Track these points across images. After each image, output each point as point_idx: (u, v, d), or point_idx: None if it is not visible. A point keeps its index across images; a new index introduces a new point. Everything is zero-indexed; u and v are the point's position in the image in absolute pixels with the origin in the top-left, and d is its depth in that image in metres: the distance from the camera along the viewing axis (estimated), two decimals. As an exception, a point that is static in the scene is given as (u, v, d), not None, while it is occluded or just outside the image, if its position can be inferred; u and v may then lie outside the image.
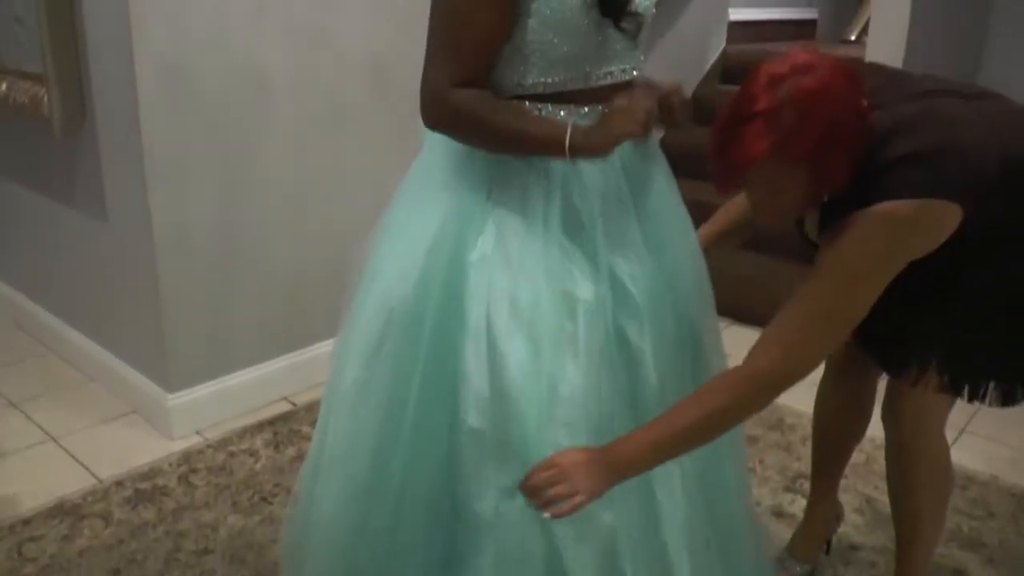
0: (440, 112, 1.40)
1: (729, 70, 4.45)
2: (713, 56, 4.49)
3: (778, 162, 1.31)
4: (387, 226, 1.53)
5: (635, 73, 1.50)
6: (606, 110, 1.39)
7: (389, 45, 2.82)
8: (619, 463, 1.34)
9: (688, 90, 4.30)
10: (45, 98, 2.52)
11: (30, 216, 3.08)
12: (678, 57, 4.21)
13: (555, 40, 1.38)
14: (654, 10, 1.49)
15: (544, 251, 1.40)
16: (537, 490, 1.31)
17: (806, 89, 1.28)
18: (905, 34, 2.81)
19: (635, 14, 1.41)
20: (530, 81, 1.41)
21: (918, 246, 1.41)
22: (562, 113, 1.41)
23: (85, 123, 2.58)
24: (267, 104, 2.60)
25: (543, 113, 1.41)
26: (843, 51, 3.95)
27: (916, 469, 1.74)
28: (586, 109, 1.43)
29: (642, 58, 1.52)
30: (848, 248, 1.36)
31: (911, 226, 1.36)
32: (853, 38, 3.69)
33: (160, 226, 2.45)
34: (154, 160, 2.39)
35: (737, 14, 4.69)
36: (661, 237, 1.51)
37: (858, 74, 1.37)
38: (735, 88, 1.38)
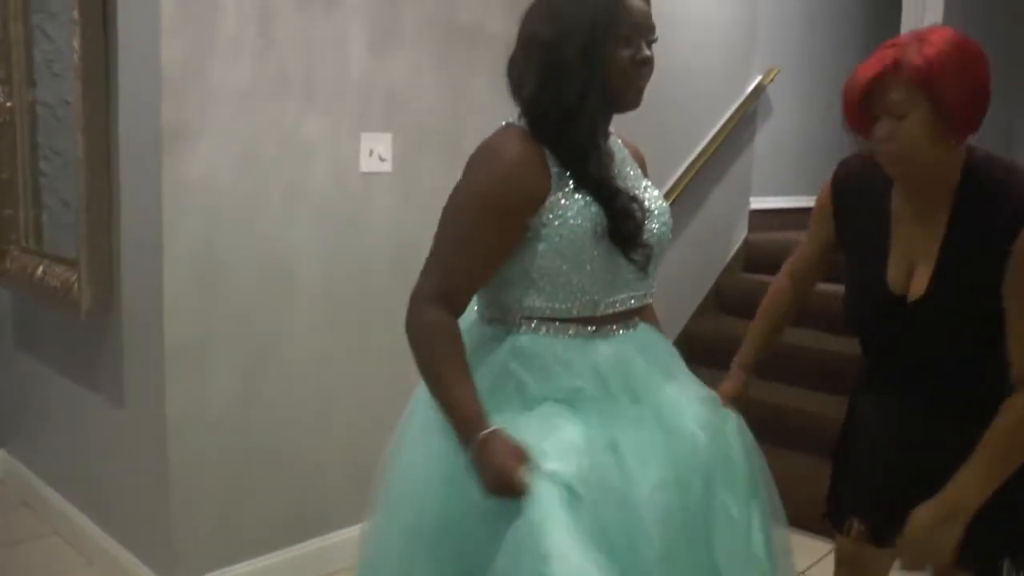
0: (412, 323, 1.41)
1: (751, 259, 4.49)
2: (736, 245, 4.54)
3: (916, 91, 1.42)
4: (400, 462, 1.49)
5: (646, 300, 1.51)
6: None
7: (414, 233, 2.88)
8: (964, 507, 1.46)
9: (711, 279, 4.37)
10: (76, 283, 2.57)
11: (50, 395, 3.09)
12: (701, 246, 4.27)
13: (564, 267, 1.38)
14: (670, 235, 1.51)
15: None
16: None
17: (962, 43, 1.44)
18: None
19: (646, 245, 1.41)
20: (538, 304, 1.41)
21: None
22: (571, 332, 1.41)
23: (112, 308, 2.62)
24: (293, 293, 2.63)
25: (549, 332, 1.40)
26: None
27: None
28: (592, 328, 1.42)
29: (653, 286, 1.52)
30: None
31: None
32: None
33: (175, 411, 2.43)
34: (176, 347, 2.41)
35: (760, 203, 4.78)
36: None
37: None
38: (758, 277, 1.42)
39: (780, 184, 4.91)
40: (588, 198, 1.38)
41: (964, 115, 1.45)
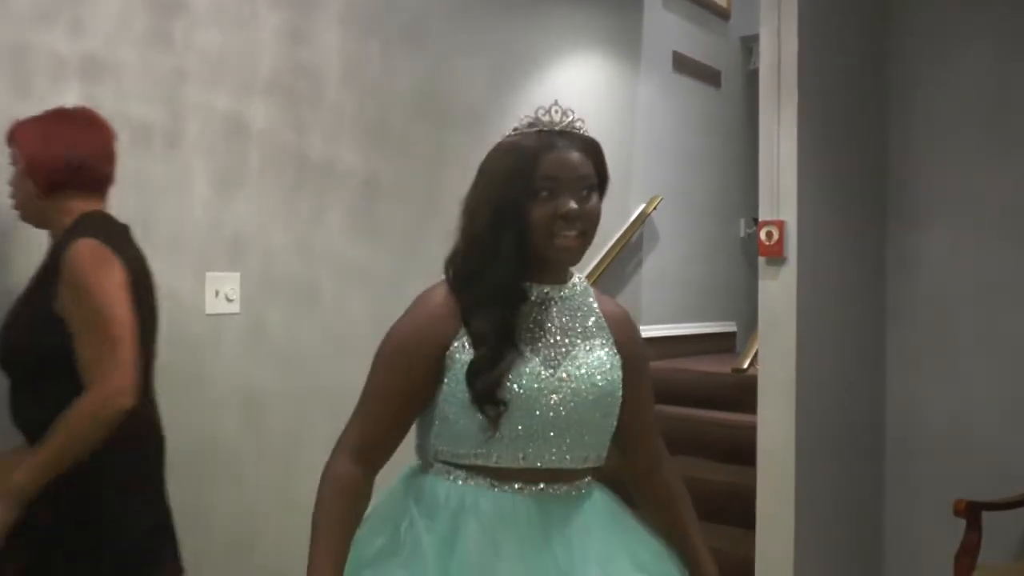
0: (323, 472, 1.40)
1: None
2: (628, 374, 4.45)
3: None
4: None
5: (571, 463, 1.42)
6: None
7: (265, 384, 2.70)
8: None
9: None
10: None
11: None
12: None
13: (457, 412, 1.37)
14: (602, 408, 1.43)
15: None
16: None
17: None
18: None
19: (496, 402, 1.34)
20: (441, 448, 1.41)
21: None
22: (472, 483, 1.38)
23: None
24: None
25: (454, 480, 1.39)
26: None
27: None
28: (495, 482, 1.37)
29: (588, 452, 1.44)
30: None
31: None
32: (745, 366, 3.74)
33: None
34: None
35: (654, 331, 4.72)
36: None
37: None
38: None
39: (669, 312, 4.88)
40: None
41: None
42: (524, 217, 1.36)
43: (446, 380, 1.38)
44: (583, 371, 1.41)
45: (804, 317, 2.84)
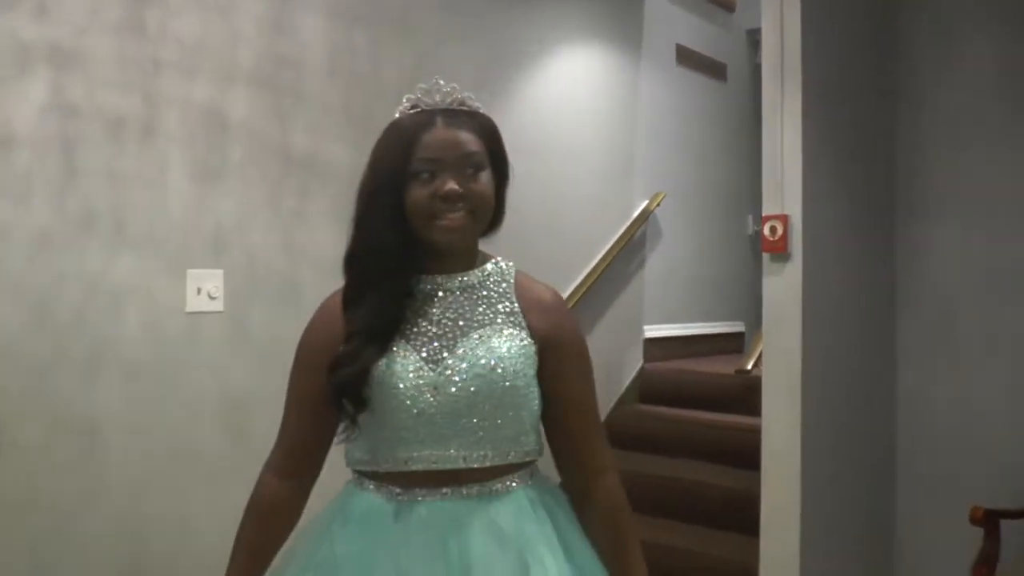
0: (252, 492, 1.38)
1: (648, 389, 4.29)
2: (631, 375, 4.34)
3: None
4: None
5: (467, 463, 1.30)
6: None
7: (247, 383, 2.60)
8: None
9: (602, 411, 4.14)
10: None
11: None
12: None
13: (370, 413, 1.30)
14: (490, 396, 1.30)
15: None
16: None
17: None
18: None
19: (359, 399, 1.28)
20: (354, 456, 1.35)
21: None
22: (382, 488, 1.32)
23: None
24: (94, 457, 2.30)
25: (362, 488, 1.34)
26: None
27: None
28: (398, 490, 1.31)
29: (483, 448, 1.30)
30: None
31: None
32: (749, 367, 3.63)
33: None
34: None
35: (657, 331, 4.61)
36: None
37: None
38: (655, 409, 1.23)
39: (674, 311, 4.76)
40: None
41: None
42: (401, 200, 1.29)
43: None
44: (466, 363, 1.30)
45: (809, 315, 2.72)
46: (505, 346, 1.31)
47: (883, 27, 3.16)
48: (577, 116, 4.01)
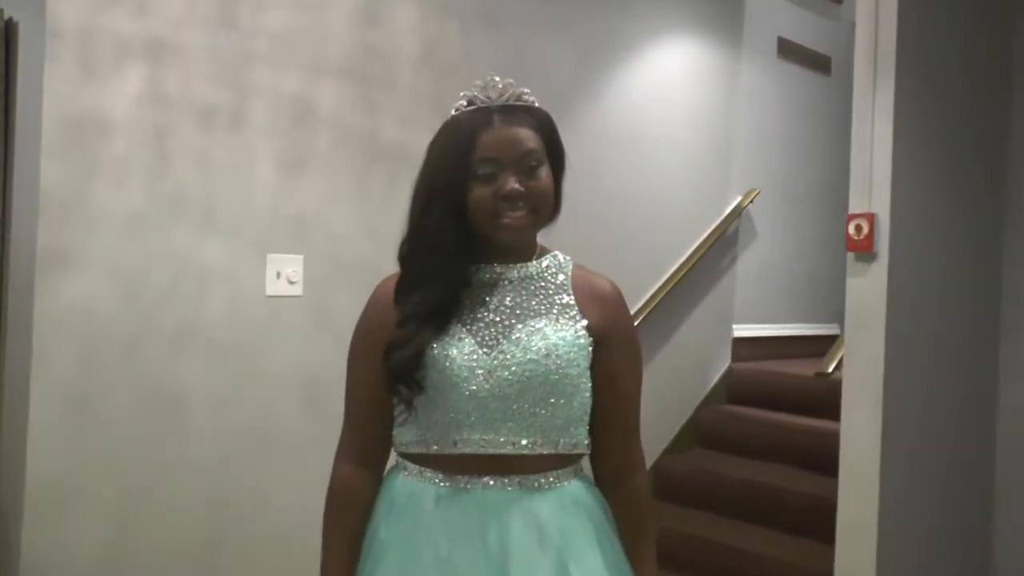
0: (329, 484, 1.41)
1: (735, 390, 4.21)
2: (718, 374, 4.27)
3: None
4: None
5: (518, 449, 1.31)
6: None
7: (326, 364, 2.68)
8: None
9: (688, 410, 4.09)
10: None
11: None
12: (678, 374, 4.00)
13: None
14: (538, 384, 1.31)
15: None
16: None
17: None
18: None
19: (413, 381, 1.31)
20: (404, 439, 1.36)
21: None
22: (427, 473, 1.33)
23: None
24: (180, 430, 2.42)
25: (408, 474, 1.35)
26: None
27: None
28: (442, 476, 1.32)
29: (533, 439, 1.32)
30: None
31: None
32: (830, 370, 3.50)
33: (30, 560, 2.20)
34: (39, 486, 2.20)
35: (748, 330, 4.51)
36: None
37: None
38: (742, 409, 1.23)
39: (766, 311, 4.64)
40: None
41: None
42: (463, 199, 1.31)
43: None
44: (520, 349, 1.31)
45: (894, 318, 2.61)
46: (560, 335, 1.33)
47: (1002, 13, 2.99)
48: (672, 109, 3.95)
